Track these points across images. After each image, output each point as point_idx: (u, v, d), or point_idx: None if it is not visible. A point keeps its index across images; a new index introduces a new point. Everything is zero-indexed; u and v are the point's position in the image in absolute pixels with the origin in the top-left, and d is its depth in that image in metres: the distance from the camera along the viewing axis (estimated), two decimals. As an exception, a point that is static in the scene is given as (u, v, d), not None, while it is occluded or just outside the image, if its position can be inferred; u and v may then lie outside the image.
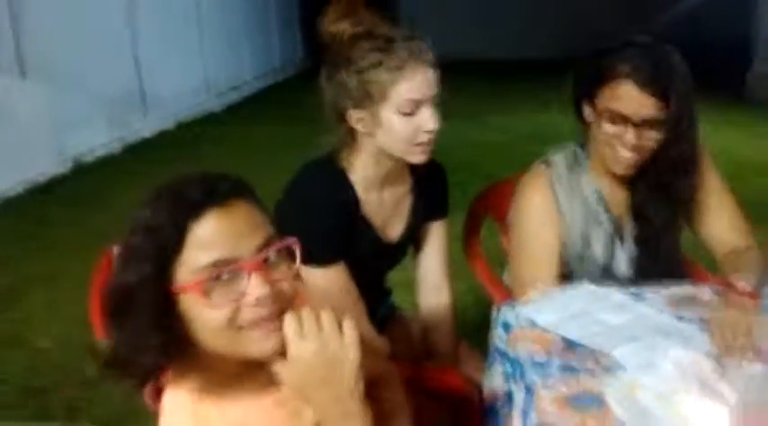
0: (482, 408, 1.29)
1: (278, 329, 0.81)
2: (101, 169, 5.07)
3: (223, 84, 7.29)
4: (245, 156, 5.00)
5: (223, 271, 0.80)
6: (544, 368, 1.15)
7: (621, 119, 1.37)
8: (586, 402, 1.04)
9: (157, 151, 5.61)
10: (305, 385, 0.81)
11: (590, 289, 1.42)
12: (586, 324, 1.25)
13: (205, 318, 0.80)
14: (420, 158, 1.37)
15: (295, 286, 0.85)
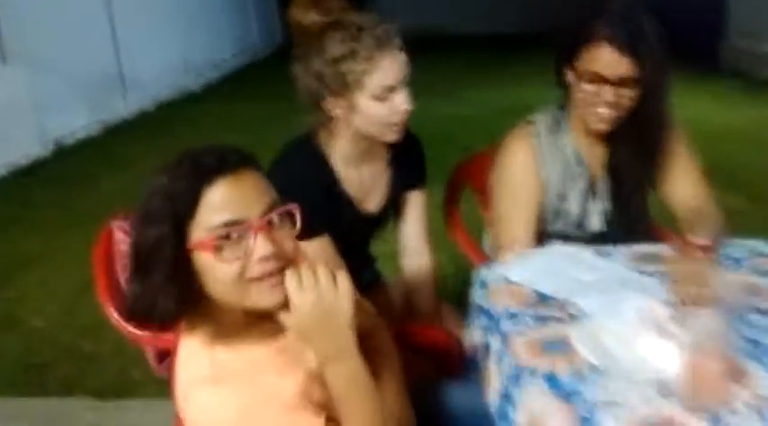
0: (463, 360, 1.39)
1: (281, 283, 0.91)
2: (82, 151, 5.07)
3: (202, 64, 7.25)
4: (227, 135, 4.98)
5: (233, 231, 0.89)
6: (518, 319, 1.25)
7: (600, 78, 1.49)
8: (556, 346, 1.15)
9: (138, 132, 5.60)
10: (306, 330, 0.92)
11: (561, 249, 1.53)
12: (557, 280, 1.36)
13: (217, 273, 0.89)
14: (395, 137, 1.45)
15: (295, 245, 0.95)
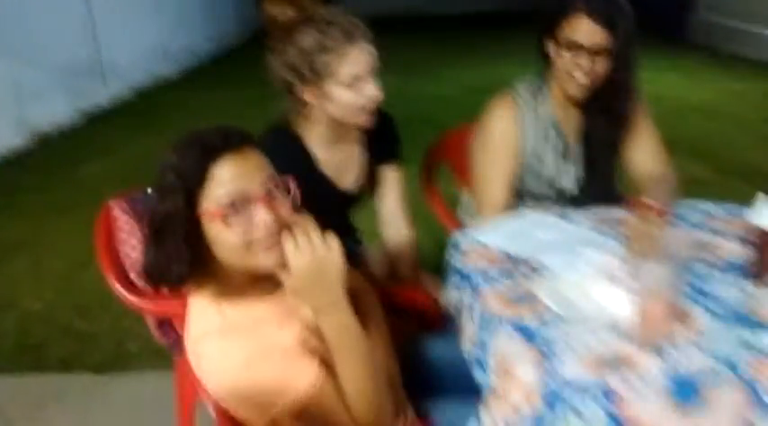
0: (442, 317, 1.52)
1: (279, 246, 1.03)
2: (64, 140, 5.09)
3: (179, 51, 7.25)
4: (206, 121, 5.00)
5: (237, 202, 1.01)
6: (489, 276, 1.38)
7: (578, 47, 1.65)
8: (522, 298, 1.29)
9: (118, 119, 5.62)
10: (302, 286, 1.04)
11: (529, 215, 1.66)
12: (524, 241, 1.50)
13: (224, 238, 1.01)
14: (365, 121, 1.56)
15: (291, 213, 1.06)
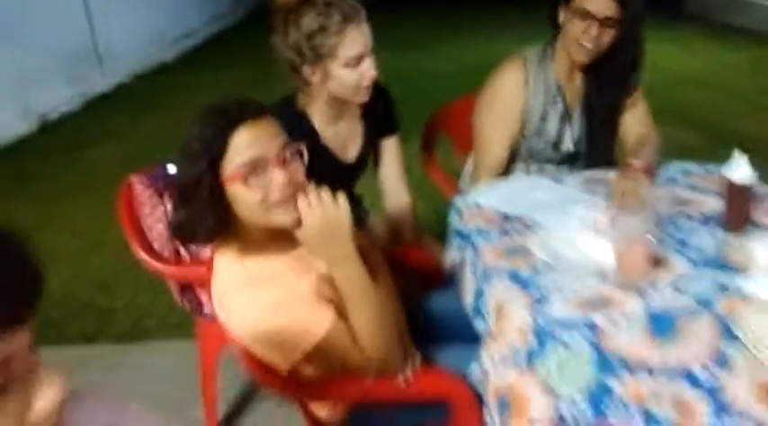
0: (443, 275, 1.65)
1: (294, 205, 1.14)
2: (67, 125, 5.15)
3: (175, 34, 7.26)
4: (205, 102, 5.08)
5: (256, 166, 1.12)
6: (486, 234, 1.51)
7: (589, 15, 1.75)
8: (516, 251, 1.41)
9: (118, 103, 5.66)
10: (316, 242, 1.16)
11: (524, 178, 1.78)
12: (518, 201, 1.62)
13: (245, 199, 1.13)
14: (364, 98, 1.68)
15: (304, 175, 1.18)
